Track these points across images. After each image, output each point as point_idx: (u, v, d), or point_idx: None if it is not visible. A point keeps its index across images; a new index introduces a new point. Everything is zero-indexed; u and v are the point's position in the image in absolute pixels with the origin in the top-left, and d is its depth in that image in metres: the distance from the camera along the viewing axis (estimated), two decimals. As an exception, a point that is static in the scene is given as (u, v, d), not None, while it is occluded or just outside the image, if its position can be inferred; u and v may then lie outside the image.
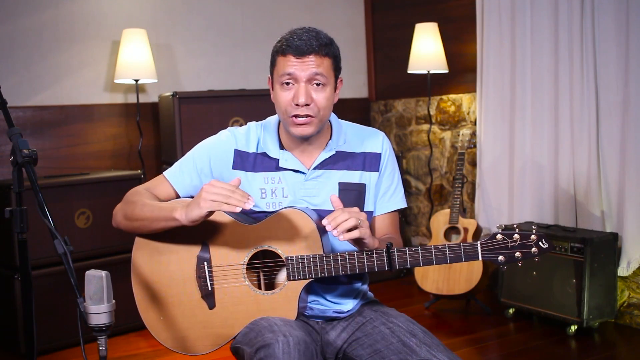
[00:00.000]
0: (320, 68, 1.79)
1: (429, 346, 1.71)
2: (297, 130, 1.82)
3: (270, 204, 1.89)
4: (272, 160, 1.90)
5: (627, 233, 3.42)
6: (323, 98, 1.81)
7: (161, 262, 1.87)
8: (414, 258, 1.74)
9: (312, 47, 1.78)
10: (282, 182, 1.89)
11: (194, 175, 1.91)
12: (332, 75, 1.84)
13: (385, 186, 1.96)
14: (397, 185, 1.98)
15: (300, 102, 1.78)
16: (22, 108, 3.77)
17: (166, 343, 1.88)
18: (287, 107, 1.81)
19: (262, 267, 1.86)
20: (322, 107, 1.82)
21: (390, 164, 1.97)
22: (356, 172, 1.93)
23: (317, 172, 1.90)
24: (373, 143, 1.96)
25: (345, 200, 1.86)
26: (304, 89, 1.79)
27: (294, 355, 1.60)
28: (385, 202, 1.96)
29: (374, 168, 1.94)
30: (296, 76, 1.79)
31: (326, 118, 1.86)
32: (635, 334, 3.43)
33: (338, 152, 1.92)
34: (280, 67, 1.82)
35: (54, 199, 3.35)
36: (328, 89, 1.82)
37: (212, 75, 4.40)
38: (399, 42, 4.79)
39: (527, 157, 3.86)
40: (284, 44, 1.80)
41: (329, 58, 1.82)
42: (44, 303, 3.27)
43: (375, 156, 1.94)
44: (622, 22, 3.38)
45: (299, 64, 1.78)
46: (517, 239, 1.70)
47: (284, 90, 1.82)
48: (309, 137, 1.86)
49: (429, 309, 3.91)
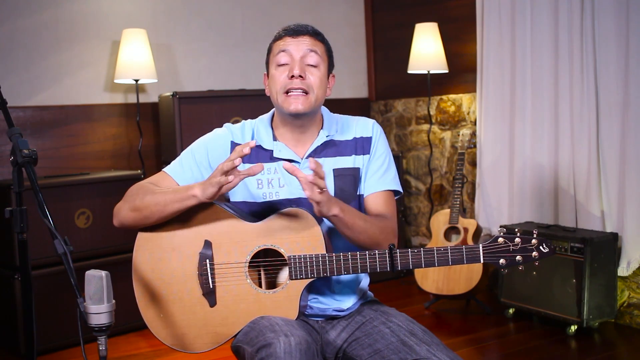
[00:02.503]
0: (315, 47, 1.88)
1: (429, 345, 1.71)
2: (292, 105, 1.86)
3: (267, 194, 1.91)
4: (266, 151, 1.93)
5: (627, 233, 3.42)
6: (317, 77, 1.88)
7: (163, 259, 1.87)
8: (416, 259, 1.75)
9: (306, 29, 1.90)
10: (277, 172, 1.92)
11: (195, 168, 1.94)
12: (325, 61, 1.92)
13: (375, 167, 1.96)
14: (388, 167, 1.97)
15: (295, 74, 1.84)
16: (22, 108, 3.77)
17: (166, 341, 1.88)
18: (282, 82, 1.87)
19: (264, 266, 1.86)
20: (316, 86, 1.87)
21: (381, 147, 1.98)
22: (349, 157, 1.95)
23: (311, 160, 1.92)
24: (364, 128, 1.98)
25: (342, 185, 1.90)
26: (299, 63, 1.86)
27: (295, 354, 1.60)
28: (375, 182, 1.95)
29: (366, 151, 1.96)
30: (291, 52, 1.87)
31: (319, 101, 1.90)
32: (635, 334, 3.43)
33: (330, 140, 1.95)
34: (276, 49, 1.90)
35: (54, 199, 3.35)
36: (321, 70, 1.89)
37: (212, 75, 4.40)
38: (399, 42, 4.79)
39: (527, 157, 3.86)
40: (280, 32, 1.92)
41: (323, 44, 1.92)
42: (44, 303, 3.27)
43: (367, 140, 1.97)
44: (622, 22, 3.38)
45: (294, 42, 1.88)
46: (519, 242, 1.73)
47: (278, 70, 1.89)
48: (302, 115, 1.88)
49: (429, 309, 3.91)
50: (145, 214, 1.84)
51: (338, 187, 1.91)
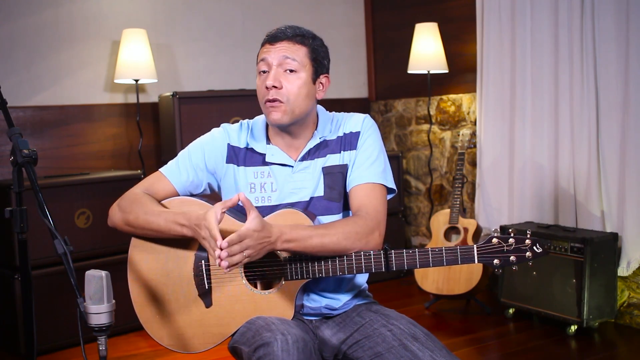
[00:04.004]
0: (291, 53, 1.83)
1: (432, 351, 1.69)
2: (271, 114, 1.85)
3: (259, 198, 1.91)
4: (259, 155, 1.93)
5: (627, 233, 3.42)
6: (294, 85, 1.83)
7: (159, 260, 1.87)
8: (411, 260, 1.75)
9: (285, 34, 1.85)
10: (270, 176, 1.91)
11: (191, 171, 1.93)
12: (309, 64, 1.86)
13: (362, 159, 1.89)
14: (375, 160, 1.88)
15: (268, 85, 1.83)
16: (22, 108, 3.77)
17: (162, 341, 1.88)
18: (262, 92, 1.86)
19: (259, 266, 1.86)
20: (293, 94, 1.83)
21: (368, 140, 1.90)
22: (338, 154, 1.92)
23: (304, 163, 1.91)
24: (354, 123, 1.94)
25: (330, 183, 1.88)
26: (274, 72, 1.83)
27: (292, 353, 1.60)
28: (359, 174, 1.87)
29: (353, 146, 1.91)
30: (268, 61, 1.85)
31: (300, 109, 1.85)
32: (635, 334, 3.43)
33: (323, 141, 1.93)
34: (259, 57, 1.90)
35: (54, 199, 3.35)
36: (302, 76, 1.84)
37: (212, 75, 4.40)
38: (399, 42, 4.79)
39: (527, 157, 3.86)
40: (265, 37, 1.90)
41: (304, 47, 1.86)
42: (44, 303, 3.27)
43: (354, 135, 1.92)
44: (622, 22, 3.38)
45: (271, 50, 1.86)
46: (512, 243, 1.74)
47: (260, 78, 1.88)
48: (285, 125, 1.86)
49: (429, 309, 3.91)
50: (139, 233, 1.88)
51: (326, 185, 1.89)
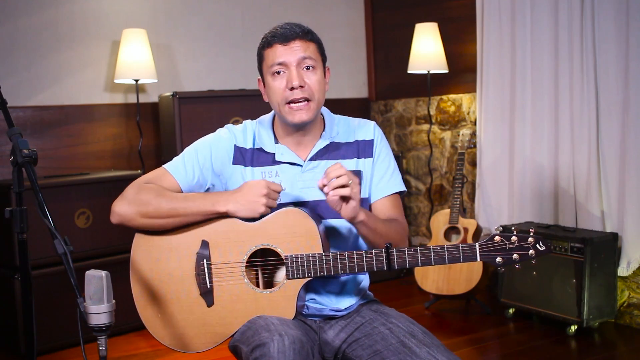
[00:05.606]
0: (308, 51, 1.85)
1: (429, 347, 1.71)
2: (296, 116, 1.85)
3: None
4: (268, 154, 1.93)
5: (627, 233, 3.42)
6: (315, 81, 1.86)
7: (160, 259, 1.87)
8: (413, 258, 1.75)
9: (296, 32, 1.85)
10: (279, 176, 1.91)
11: (197, 170, 1.92)
12: (319, 59, 1.89)
13: (381, 171, 1.97)
14: (393, 169, 1.98)
15: (294, 85, 1.82)
16: (22, 108, 3.77)
17: (163, 340, 1.88)
18: (283, 94, 1.85)
19: (261, 265, 1.86)
20: (316, 89, 1.86)
21: (383, 150, 1.98)
22: (351, 160, 1.95)
23: (314, 163, 1.92)
24: (365, 131, 1.98)
25: None
26: (296, 72, 1.83)
27: (289, 354, 1.60)
28: (384, 186, 1.96)
29: (368, 154, 1.96)
30: (286, 62, 1.84)
31: (321, 103, 1.90)
32: (635, 334, 3.43)
33: (332, 143, 1.95)
34: (270, 59, 1.87)
35: (54, 199, 3.35)
36: (318, 72, 1.87)
37: (212, 75, 4.40)
38: (399, 42, 4.79)
39: (527, 157, 3.86)
40: (269, 37, 1.88)
41: (313, 43, 1.88)
42: (44, 303, 3.27)
43: (368, 143, 1.97)
44: (622, 22, 3.38)
45: (286, 50, 1.84)
46: (515, 241, 1.73)
47: (276, 79, 1.86)
48: (307, 123, 1.88)
49: (429, 309, 3.91)
50: (161, 223, 1.83)
51: None
